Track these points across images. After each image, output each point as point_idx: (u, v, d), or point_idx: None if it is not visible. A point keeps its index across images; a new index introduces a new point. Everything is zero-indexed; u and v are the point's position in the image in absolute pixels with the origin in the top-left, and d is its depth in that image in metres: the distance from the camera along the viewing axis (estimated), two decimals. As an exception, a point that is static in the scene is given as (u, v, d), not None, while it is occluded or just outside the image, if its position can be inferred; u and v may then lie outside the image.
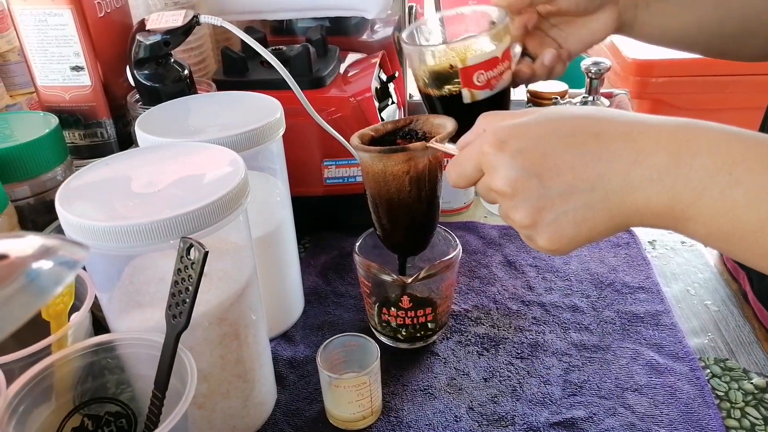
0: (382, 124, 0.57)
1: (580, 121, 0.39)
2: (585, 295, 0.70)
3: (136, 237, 0.40)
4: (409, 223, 0.56)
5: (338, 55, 0.81)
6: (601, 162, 0.37)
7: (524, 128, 0.39)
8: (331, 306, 0.70)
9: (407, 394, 0.58)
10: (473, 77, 0.52)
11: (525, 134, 0.39)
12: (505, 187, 0.39)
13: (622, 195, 0.37)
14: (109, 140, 0.65)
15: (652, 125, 0.37)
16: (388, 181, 0.53)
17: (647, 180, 0.36)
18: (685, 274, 0.73)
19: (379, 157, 0.52)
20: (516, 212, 0.40)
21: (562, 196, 0.38)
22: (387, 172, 0.52)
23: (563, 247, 0.40)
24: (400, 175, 0.52)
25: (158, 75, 0.60)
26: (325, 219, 0.82)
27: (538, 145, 0.38)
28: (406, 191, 0.53)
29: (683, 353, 0.61)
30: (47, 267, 0.20)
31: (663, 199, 0.36)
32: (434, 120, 0.55)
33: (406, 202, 0.54)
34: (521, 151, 0.38)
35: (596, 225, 0.38)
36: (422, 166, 0.52)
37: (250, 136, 0.53)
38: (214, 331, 0.47)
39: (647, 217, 0.37)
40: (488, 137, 0.40)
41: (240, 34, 0.60)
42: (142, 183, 0.45)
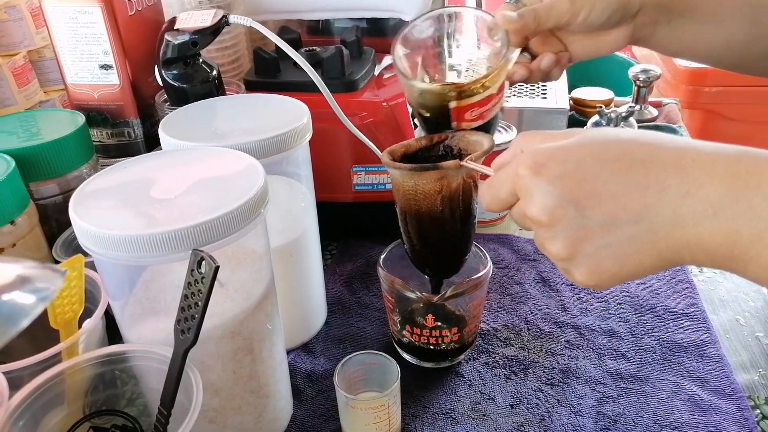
0: (415, 139, 0.54)
1: (627, 146, 0.35)
2: (623, 319, 0.65)
3: (147, 248, 0.38)
4: (440, 244, 0.53)
5: (374, 58, 0.79)
6: (648, 191, 0.33)
7: (564, 151, 0.36)
8: (355, 318, 0.68)
9: (428, 417, 0.55)
10: (465, 114, 0.50)
11: (565, 158, 0.36)
12: (541, 215, 0.36)
13: (671, 229, 0.33)
14: (136, 140, 0.65)
15: (706, 153, 0.33)
16: (418, 200, 0.50)
17: (701, 215, 0.32)
18: (734, 302, 0.68)
19: (410, 175, 0.49)
20: (552, 243, 0.36)
21: (604, 226, 0.35)
22: (418, 191, 0.49)
23: (603, 282, 0.36)
24: (432, 194, 0.49)
25: (186, 75, 0.59)
26: (353, 226, 0.80)
27: (579, 169, 0.35)
28: (438, 211, 0.50)
29: (730, 390, 0.56)
30: (15, 300, 0.19)
31: (718, 237, 0.32)
32: (471, 137, 0.52)
33: (438, 222, 0.51)
34: (560, 176, 0.35)
35: (642, 261, 0.35)
36: (455, 186, 0.49)
37: (274, 141, 0.51)
38: (227, 345, 0.45)
39: (699, 255, 0.33)
40: (525, 159, 0.37)
41: (269, 34, 0.58)
42: (158, 189, 0.43)
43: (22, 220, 0.51)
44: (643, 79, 1.03)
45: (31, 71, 0.72)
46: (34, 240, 0.52)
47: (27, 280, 0.20)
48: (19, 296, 0.19)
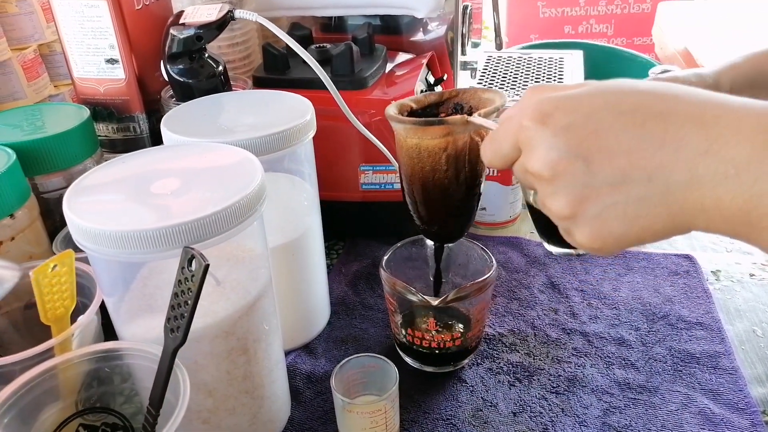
0: (424, 95, 0.51)
1: (644, 97, 0.32)
2: (634, 327, 0.63)
3: (138, 244, 0.38)
4: (444, 207, 0.50)
5: (385, 55, 0.78)
6: (664, 148, 0.30)
7: (574, 101, 0.33)
8: (358, 319, 0.67)
9: (427, 423, 0.54)
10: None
11: (574, 108, 0.33)
12: (543, 168, 0.33)
13: (686, 190, 0.30)
14: (141, 135, 0.64)
15: (732, 108, 0.30)
16: (422, 158, 0.47)
17: (721, 175, 0.29)
18: (752, 312, 0.65)
19: (414, 130, 0.46)
20: (554, 200, 0.34)
21: (613, 185, 0.32)
22: (422, 147, 0.46)
23: (607, 246, 0.34)
24: (436, 152, 0.46)
25: (191, 70, 0.59)
26: (360, 225, 0.79)
27: (589, 121, 0.32)
28: (443, 170, 0.47)
29: (743, 404, 0.54)
30: None
31: (738, 201, 0.29)
32: (483, 94, 0.49)
33: (442, 183, 0.48)
34: (567, 127, 0.32)
35: (651, 223, 0.32)
36: (462, 144, 0.46)
37: (276, 138, 0.50)
38: (220, 345, 0.44)
39: (715, 219, 0.30)
40: (530, 109, 0.34)
41: (275, 30, 0.57)
42: (154, 185, 0.42)
43: (22, 213, 0.51)
44: (664, 79, 1.00)
45: (41, 65, 0.72)
46: (34, 234, 0.52)
47: None
48: None
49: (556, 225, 0.36)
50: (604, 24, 2.90)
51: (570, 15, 2.92)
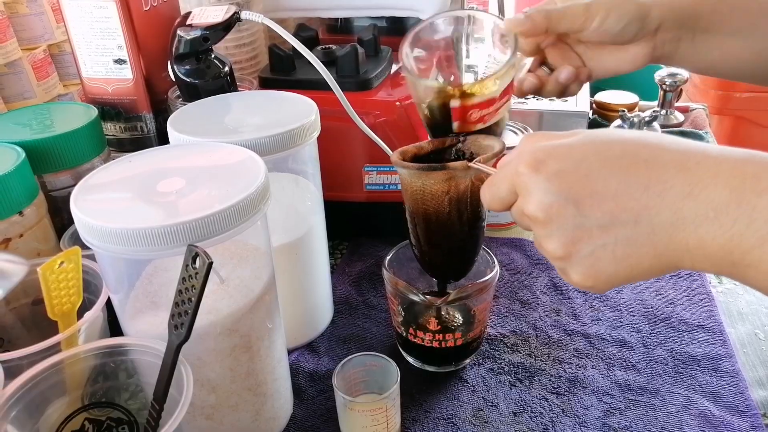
0: (428, 141, 0.54)
1: (630, 146, 0.34)
2: (636, 329, 0.64)
3: (144, 242, 0.38)
4: (447, 246, 0.52)
5: (390, 56, 0.78)
6: (648, 191, 0.33)
7: (565, 148, 0.35)
8: (361, 318, 0.67)
9: (428, 422, 0.54)
10: (467, 115, 0.49)
11: (565, 155, 0.35)
12: (537, 212, 0.35)
13: (671, 231, 0.32)
14: (148, 134, 0.65)
15: (711, 155, 0.32)
16: (426, 201, 0.49)
17: (702, 217, 0.31)
18: (754, 315, 0.65)
19: (418, 175, 0.49)
20: (549, 242, 0.36)
21: (602, 227, 0.34)
22: (426, 191, 0.49)
23: (599, 284, 0.36)
24: (440, 195, 0.49)
25: (198, 71, 0.59)
26: (364, 225, 0.79)
27: (579, 167, 0.34)
28: (445, 212, 0.49)
29: (744, 406, 0.54)
30: None
31: (719, 241, 0.31)
32: (483, 141, 0.51)
33: (445, 223, 0.50)
34: (558, 173, 0.35)
35: (639, 263, 0.34)
36: (464, 187, 0.48)
37: (280, 138, 0.51)
38: (224, 342, 0.45)
39: (699, 258, 0.32)
40: (525, 157, 0.36)
41: (280, 31, 0.58)
42: (160, 183, 0.43)
43: (30, 210, 0.52)
44: (669, 83, 1.01)
45: (50, 65, 0.73)
46: (42, 231, 0.53)
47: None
48: None
49: (556, 268, 0.38)
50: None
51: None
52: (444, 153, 0.53)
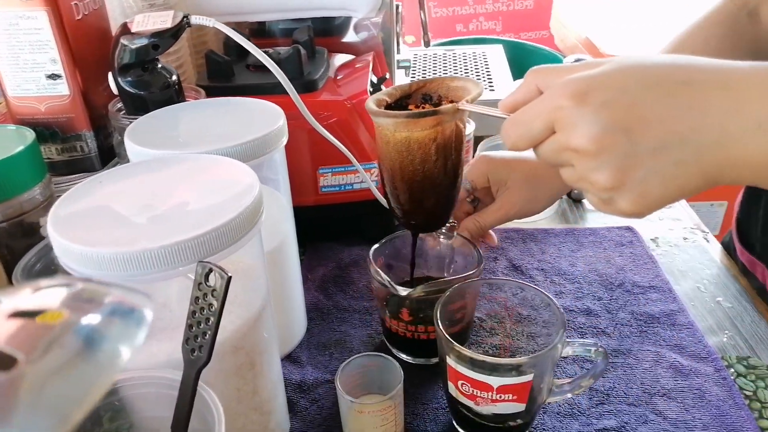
0: (393, 87, 0.52)
1: (666, 69, 0.35)
2: (597, 297, 0.68)
3: (148, 264, 0.36)
4: (433, 196, 0.51)
5: (327, 57, 0.78)
6: (692, 112, 0.34)
7: (605, 78, 0.35)
8: (335, 322, 0.66)
9: (429, 413, 0.55)
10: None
11: (607, 85, 0.35)
12: (588, 144, 0.35)
13: (717, 149, 0.34)
14: (89, 154, 0.60)
15: (751, 72, 0.34)
16: (412, 151, 0.47)
17: (750, 132, 0.33)
18: (693, 271, 0.72)
19: (405, 123, 0.46)
20: (599, 173, 0.35)
21: (652, 152, 0.34)
22: (411, 140, 0.46)
23: (647, 209, 0.36)
24: (426, 143, 0.46)
25: (144, 82, 0.56)
26: (320, 229, 0.78)
27: (624, 96, 0.34)
28: (432, 161, 0.47)
29: (705, 353, 0.59)
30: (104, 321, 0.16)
31: (765, 152, 0.33)
32: (451, 83, 0.50)
33: (431, 173, 0.48)
34: (605, 103, 0.34)
35: (687, 183, 0.35)
36: (449, 132, 0.47)
37: (255, 145, 0.49)
38: (230, 362, 0.43)
39: (743, 173, 0.34)
40: (562, 90, 0.36)
41: (234, 35, 0.55)
42: (144, 202, 0.40)
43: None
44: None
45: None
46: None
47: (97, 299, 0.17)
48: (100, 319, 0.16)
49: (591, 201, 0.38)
50: (493, 21, 3.04)
51: (460, 14, 3.04)
52: (410, 99, 0.52)
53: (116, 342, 0.15)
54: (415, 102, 0.52)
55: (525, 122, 0.38)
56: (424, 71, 1.04)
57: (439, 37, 2.72)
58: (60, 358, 0.14)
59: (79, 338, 0.15)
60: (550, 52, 1.49)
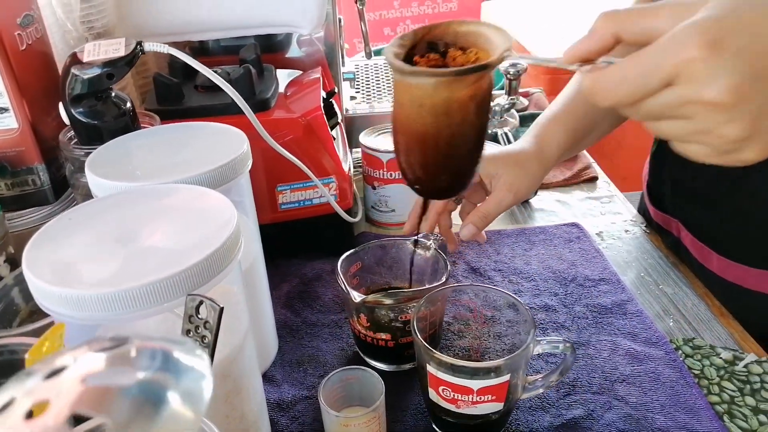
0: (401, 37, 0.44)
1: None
2: (553, 293, 0.72)
3: (135, 302, 0.35)
4: (465, 158, 0.45)
5: (275, 74, 0.78)
6: None
7: (736, 18, 0.32)
8: (306, 338, 0.67)
9: (409, 418, 0.56)
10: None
11: (739, 29, 0.32)
12: (727, 97, 0.32)
13: None
14: (42, 187, 0.58)
15: None
16: (451, 112, 0.41)
17: None
18: (636, 261, 0.77)
19: (448, 82, 0.39)
20: (731, 125, 0.33)
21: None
22: (452, 100, 0.40)
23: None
24: (467, 102, 0.41)
25: (99, 111, 0.54)
26: (280, 246, 0.78)
27: (759, 39, 0.32)
28: (470, 121, 0.42)
29: (655, 338, 0.64)
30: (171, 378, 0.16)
31: None
32: (459, 27, 0.44)
33: (467, 134, 0.43)
34: (741, 50, 0.32)
35: None
36: (486, 86, 0.41)
37: (223, 171, 0.49)
38: (219, 390, 0.43)
39: None
40: (690, 39, 0.32)
41: (188, 60, 0.55)
42: (120, 237, 0.40)
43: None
44: (513, 72, 1.12)
45: None
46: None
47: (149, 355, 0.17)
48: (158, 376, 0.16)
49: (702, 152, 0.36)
50: (419, 24, 3.10)
51: (387, 17, 3.08)
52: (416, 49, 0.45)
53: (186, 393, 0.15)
54: (420, 52, 0.45)
55: (638, 77, 0.34)
56: (368, 82, 1.06)
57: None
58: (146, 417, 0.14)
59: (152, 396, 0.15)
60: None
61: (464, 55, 0.44)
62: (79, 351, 0.17)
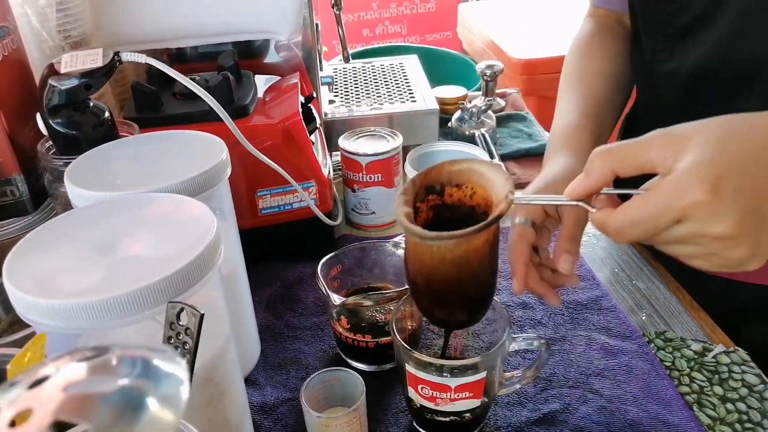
0: (404, 192, 0.47)
1: (758, 134, 0.38)
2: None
3: (117, 310, 0.36)
4: (485, 291, 0.49)
5: (253, 80, 0.79)
6: None
7: (725, 161, 0.37)
8: (288, 341, 0.68)
9: (390, 418, 0.58)
10: None
11: (732, 168, 0.37)
12: (732, 231, 0.36)
13: None
14: (21, 198, 0.58)
15: None
16: (470, 261, 0.44)
17: None
18: (610, 258, 0.79)
19: (467, 239, 0.42)
20: (736, 251, 0.38)
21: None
22: (470, 251, 0.43)
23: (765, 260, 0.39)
24: (482, 247, 0.44)
25: (77, 122, 0.55)
26: (262, 251, 0.79)
27: (746, 175, 0.37)
28: (487, 262, 0.45)
29: (629, 332, 0.66)
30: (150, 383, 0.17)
31: None
32: (451, 167, 0.47)
33: (485, 275, 0.46)
34: (738, 189, 0.36)
35: None
36: (496, 225, 0.44)
37: (203, 179, 0.50)
38: (202, 394, 0.44)
39: None
40: (691, 184, 0.36)
41: (165, 69, 0.56)
42: (101, 247, 0.40)
43: None
44: (489, 73, 1.14)
45: None
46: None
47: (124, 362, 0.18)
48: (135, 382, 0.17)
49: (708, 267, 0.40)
50: (398, 24, 3.12)
51: (366, 18, 3.09)
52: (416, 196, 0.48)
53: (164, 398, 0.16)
54: (420, 198, 0.48)
55: (650, 219, 0.38)
56: (346, 85, 1.07)
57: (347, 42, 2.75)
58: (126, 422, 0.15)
59: (132, 402, 0.16)
60: (460, 57, 1.56)
61: (460, 190, 0.47)
62: (61, 361, 0.18)
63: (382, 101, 1.00)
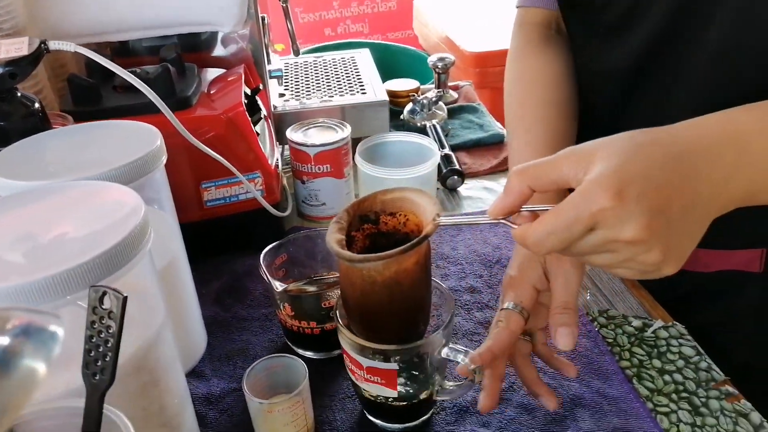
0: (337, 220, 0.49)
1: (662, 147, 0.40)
2: (478, 275, 0.74)
3: (37, 294, 0.35)
4: (422, 311, 0.51)
5: (198, 73, 0.78)
6: (690, 179, 0.40)
7: (628, 169, 0.38)
8: (236, 332, 0.67)
9: (336, 404, 0.58)
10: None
11: (635, 175, 0.38)
12: (641, 234, 0.38)
13: (713, 201, 0.41)
14: (-52, 193, 0.56)
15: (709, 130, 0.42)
16: (401, 282, 0.46)
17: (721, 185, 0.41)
18: (557, 241, 0.80)
19: (395, 261, 0.44)
20: (650, 254, 0.39)
21: (681, 220, 0.39)
22: (400, 272, 0.45)
23: (682, 262, 0.41)
24: (412, 269, 0.46)
25: (4, 112, 0.54)
26: (206, 244, 0.78)
27: (650, 181, 0.38)
28: (419, 281, 0.47)
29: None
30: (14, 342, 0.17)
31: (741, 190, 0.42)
32: (383, 196, 0.49)
33: (419, 292, 0.48)
34: (642, 194, 0.38)
35: (702, 232, 0.41)
36: (425, 248, 0.46)
37: (134, 167, 0.49)
38: (133, 382, 0.43)
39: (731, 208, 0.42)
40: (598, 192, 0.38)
41: (98, 58, 0.55)
42: (22, 235, 0.39)
43: None
44: (441, 66, 1.15)
45: None
46: None
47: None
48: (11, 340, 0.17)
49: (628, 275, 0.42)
50: (360, 23, 3.13)
51: (327, 18, 3.09)
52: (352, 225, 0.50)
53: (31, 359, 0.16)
54: (355, 227, 0.50)
55: (563, 229, 0.39)
56: (297, 79, 1.07)
57: (309, 42, 2.75)
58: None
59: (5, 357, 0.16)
60: (416, 52, 1.57)
61: (394, 218, 0.50)
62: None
63: (332, 94, 1.00)
